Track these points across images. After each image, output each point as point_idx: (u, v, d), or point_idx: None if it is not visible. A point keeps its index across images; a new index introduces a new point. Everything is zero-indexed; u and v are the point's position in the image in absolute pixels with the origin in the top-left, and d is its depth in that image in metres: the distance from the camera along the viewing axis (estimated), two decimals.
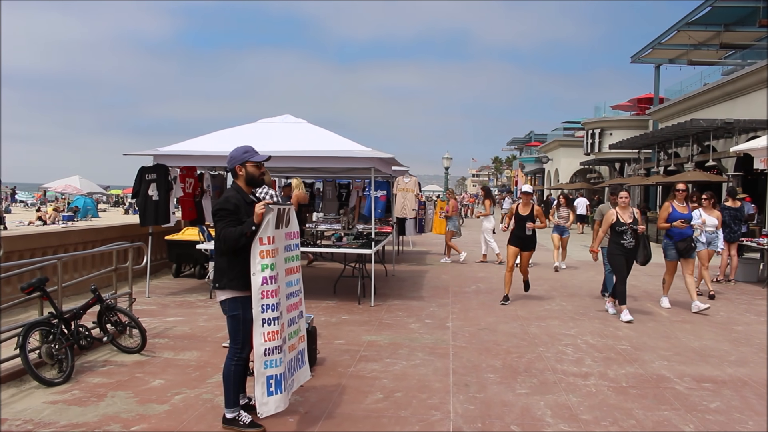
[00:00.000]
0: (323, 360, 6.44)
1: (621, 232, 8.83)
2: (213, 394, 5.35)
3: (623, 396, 5.52)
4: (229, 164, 4.71)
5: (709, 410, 5.24)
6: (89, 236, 10.93)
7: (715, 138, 22.57)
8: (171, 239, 11.98)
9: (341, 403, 5.25)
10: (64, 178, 42.20)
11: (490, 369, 6.28)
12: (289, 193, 11.50)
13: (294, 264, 4.87)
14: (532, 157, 62.16)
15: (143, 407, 5.07)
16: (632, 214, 8.95)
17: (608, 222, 8.97)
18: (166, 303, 9.45)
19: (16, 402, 5.15)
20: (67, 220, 32.14)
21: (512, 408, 5.19)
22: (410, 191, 15.11)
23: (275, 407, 4.37)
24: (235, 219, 4.43)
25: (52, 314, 5.90)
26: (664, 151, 27.16)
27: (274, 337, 4.34)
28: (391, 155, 9.81)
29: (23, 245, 9.17)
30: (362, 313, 8.83)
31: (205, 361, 6.40)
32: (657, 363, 6.60)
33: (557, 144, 49.54)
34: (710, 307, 9.46)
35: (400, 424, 4.79)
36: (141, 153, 10.14)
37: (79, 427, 4.63)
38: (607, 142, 35.65)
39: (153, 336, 7.26)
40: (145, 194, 9.90)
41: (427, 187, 49.30)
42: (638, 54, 30.66)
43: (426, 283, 11.85)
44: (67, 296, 8.09)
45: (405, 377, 5.95)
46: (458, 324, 8.30)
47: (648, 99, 36.45)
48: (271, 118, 10.69)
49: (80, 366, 6.08)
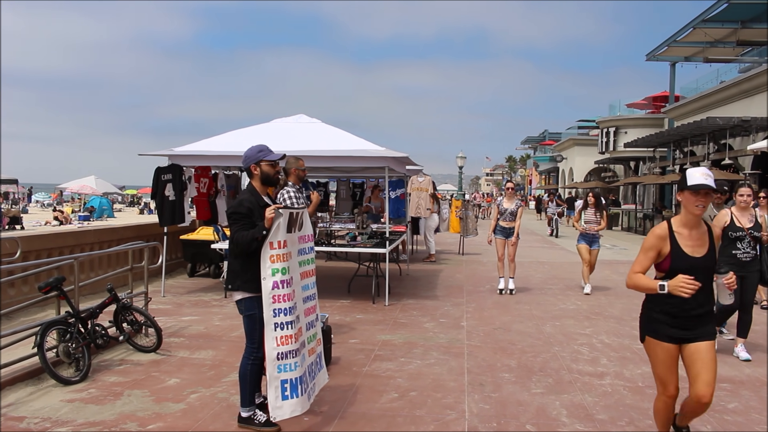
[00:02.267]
0: (338, 359, 6.44)
1: (736, 239, 6.77)
2: (228, 393, 5.37)
3: (639, 396, 5.48)
4: (243, 164, 4.72)
5: (727, 410, 5.19)
6: (105, 236, 11.01)
7: (731, 136, 22.38)
8: (186, 239, 12.04)
9: (356, 402, 5.25)
10: (80, 178, 42.56)
11: (505, 368, 6.26)
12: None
13: (309, 267, 4.87)
14: (546, 156, 61.92)
15: (159, 406, 5.10)
16: (753, 217, 6.88)
17: (720, 226, 6.81)
18: (181, 302, 9.50)
19: (34, 400, 5.19)
20: (83, 220, 32.41)
21: (527, 408, 5.17)
22: (424, 190, 15.08)
23: (291, 411, 4.35)
24: (249, 222, 4.44)
25: (69, 313, 5.95)
26: (679, 150, 26.94)
27: (288, 341, 4.32)
28: (404, 154, 9.80)
29: (40, 245, 9.25)
30: (377, 313, 8.83)
31: (220, 360, 6.42)
32: None
33: (572, 143, 49.30)
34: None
35: (416, 424, 4.78)
36: (156, 153, 10.20)
37: (96, 426, 4.66)
38: (622, 141, 35.45)
39: (168, 335, 7.30)
40: (162, 194, 9.97)
41: (441, 186, 49.20)
42: (653, 52, 30.45)
43: (440, 283, 11.83)
44: (84, 295, 8.15)
45: (420, 376, 5.95)
46: (473, 323, 8.28)
47: (663, 97, 36.18)
48: (285, 118, 10.73)
49: (97, 365, 6.12)
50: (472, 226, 17.34)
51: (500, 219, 10.45)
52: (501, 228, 10.47)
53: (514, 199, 10.52)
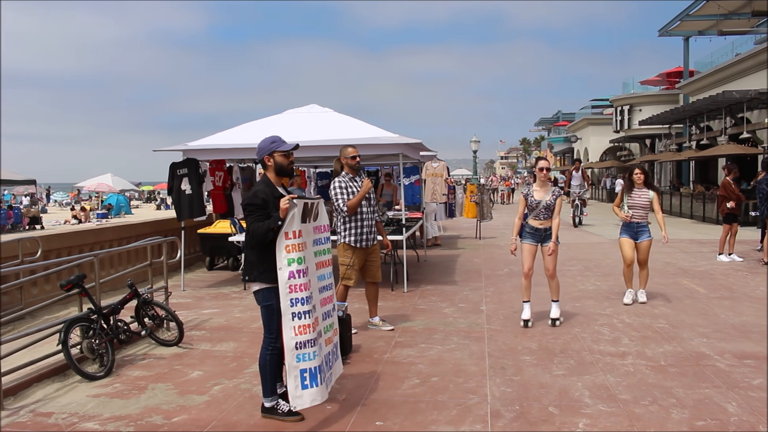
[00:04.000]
0: (359, 347, 6.46)
1: None
2: (251, 384, 5.41)
3: (662, 375, 5.45)
4: (257, 155, 4.73)
5: (752, 387, 5.14)
6: (124, 233, 11.12)
7: (749, 109, 22.07)
8: (203, 233, 12.11)
9: (378, 389, 5.27)
10: (97, 176, 42.89)
11: (525, 351, 6.25)
12: (297, 183, 11.50)
13: (325, 257, 4.88)
14: (561, 137, 61.50)
15: (183, 398, 5.15)
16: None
17: None
18: (201, 296, 9.57)
19: (60, 396, 5.26)
20: (101, 218, 32.70)
21: (550, 390, 5.16)
22: (439, 176, 15.05)
23: (311, 400, 4.38)
24: (264, 213, 4.46)
25: (92, 310, 6.02)
26: (695, 125, 26.64)
27: (306, 330, 4.34)
28: (418, 140, 9.77)
29: (60, 243, 9.35)
30: (396, 300, 8.84)
31: (241, 351, 6.47)
32: (696, 340, 6.50)
33: (586, 122, 48.92)
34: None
35: (438, 409, 4.80)
36: (170, 149, 10.24)
37: (122, 419, 4.72)
38: (636, 119, 35.09)
39: (190, 328, 7.37)
40: (179, 189, 10.02)
41: (455, 172, 49.12)
42: (666, 27, 30.03)
43: (458, 268, 11.82)
44: (105, 292, 8.23)
45: (441, 362, 5.95)
46: (492, 307, 8.26)
47: (677, 73, 35.73)
48: (298, 109, 10.72)
49: (120, 360, 6.19)
50: (488, 210, 17.28)
51: (530, 216, 7.21)
52: (531, 229, 7.20)
53: (548, 186, 7.21)
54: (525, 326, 7.15)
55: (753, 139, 22.37)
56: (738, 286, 9.39)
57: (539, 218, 7.10)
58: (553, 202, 7.05)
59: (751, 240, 13.79)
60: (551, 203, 7.05)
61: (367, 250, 6.91)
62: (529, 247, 7.21)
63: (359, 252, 6.84)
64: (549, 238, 7.11)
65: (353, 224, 6.79)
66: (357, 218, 6.79)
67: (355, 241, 6.79)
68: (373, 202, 7.01)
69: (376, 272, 7.07)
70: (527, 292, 7.33)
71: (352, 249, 6.82)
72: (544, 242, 7.16)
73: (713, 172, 27.59)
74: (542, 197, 7.06)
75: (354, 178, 6.83)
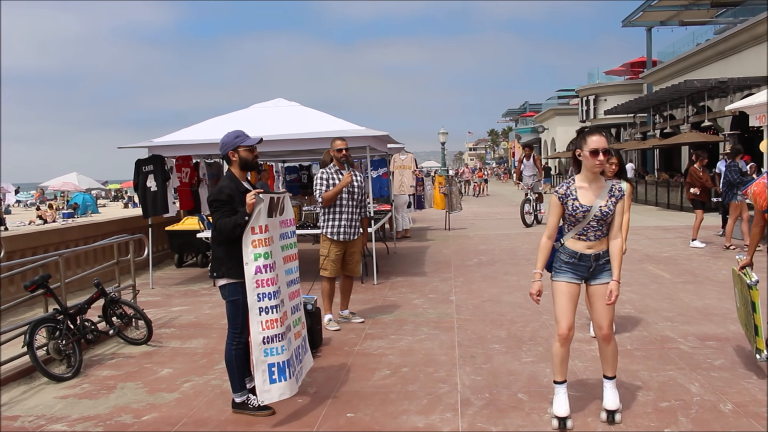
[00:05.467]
0: (329, 340, 6.48)
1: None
2: (222, 380, 5.39)
3: (628, 358, 5.56)
4: (221, 151, 4.71)
5: (714, 367, 5.28)
6: (90, 231, 10.96)
7: (709, 98, 22.51)
8: (171, 230, 12.00)
9: (349, 381, 5.30)
10: (62, 175, 42.14)
11: (495, 339, 6.32)
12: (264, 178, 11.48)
13: (291, 252, 4.89)
14: (528, 128, 62.03)
15: (153, 396, 5.12)
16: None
17: None
18: (170, 293, 9.49)
19: (27, 399, 5.19)
20: (67, 218, 32.14)
21: (519, 377, 5.23)
22: (407, 168, 15.09)
23: (279, 394, 4.39)
24: (230, 209, 4.44)
25: (57, 310, 5.94)
26: (659, 114, 27.09)
27: (274, 325, 4.34)
28: (385, 133, 9.78)
29: (24, 244, 9.19)
30: (366, 292, 8.87)
31: (212, 348, 6.44)
32: (661, 324, 6.65)
33: (552, 113, 49.43)
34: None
35: (409, 399, 4.84)
36: (135, 145, 10.13)
37: (91, 420, 4.68)
38: (602, 108, 35.59)
39: (159, 326, 7.31)
40: (144, 186, 9.93)
41: (424, 164, 49.29)
42: (629, 17, 30.46)
43: (428, 259, 11.88)
44: (71, 292, 8.13)
45: (411, 352, 6.00)
46: (462, 297, 8.33)
47: (641, 63, 36.30)
48: (264, 103, 10.67)
49: (88, 360, 6.12)
50: (457, 201, 17.39)
51: (569, 233, 4.21)
52: (572, 257, 4.20)
53: (603, 183, 4.17)
54: (560, 428, 4.23)
55: (714, 127, 22.82)
56: (701, 270, 9.61)
57: (588, 238, 4.16)
58: (612, 209, 4.11)
59: (713, 225, 14.09)
60: (609, 211, 4.10)
61: (345, 244, 6.94)
62: (569, 288, 4.23)
63: (337, 244, 6.88)
64: (604, 273, 4.22)
65: (331, 216, 6.87)
66: (336, 211, 6.86)
67: (332, 233, 6.85)
68: (358, 196, 7.03)
69: (354, 267, 7.16)
70: (563, 367, 4.33)
71: (330, 241, 6.87)
72: (595, 278, 4.25)
73: (677, 159, 28.10)
74: (593, 201, 4.10)
75: (340, 170, 6.87)
